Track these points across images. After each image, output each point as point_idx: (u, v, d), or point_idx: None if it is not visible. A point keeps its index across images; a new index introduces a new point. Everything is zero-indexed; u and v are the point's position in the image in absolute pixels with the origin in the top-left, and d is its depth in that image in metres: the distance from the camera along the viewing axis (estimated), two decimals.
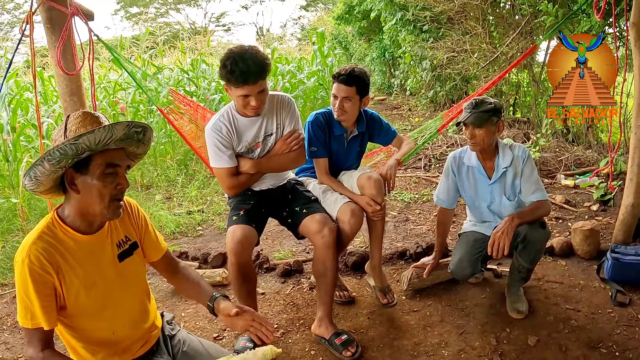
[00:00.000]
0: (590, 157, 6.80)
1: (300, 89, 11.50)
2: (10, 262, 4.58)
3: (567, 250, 4.23)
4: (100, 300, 1.97)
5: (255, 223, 3.12)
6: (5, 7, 32.73)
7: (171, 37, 19.32)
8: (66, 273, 1.86)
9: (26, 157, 6.21)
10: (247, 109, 3.07)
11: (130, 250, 2.13)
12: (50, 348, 1.84)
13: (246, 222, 3.05)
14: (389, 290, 3.69)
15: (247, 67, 2.86)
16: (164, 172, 7.49)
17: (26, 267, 1.77)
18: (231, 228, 3.02)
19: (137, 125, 1.88)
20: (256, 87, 2.94)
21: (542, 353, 3.01)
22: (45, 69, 9.73)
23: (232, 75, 2.89)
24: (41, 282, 1.79)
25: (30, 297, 1.78)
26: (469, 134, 3.26)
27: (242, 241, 2.94)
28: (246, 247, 2.98)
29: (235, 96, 3.02)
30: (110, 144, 1.81)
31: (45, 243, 1.84)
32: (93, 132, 1.74)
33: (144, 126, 1.92)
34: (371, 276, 3.77)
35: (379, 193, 3.37)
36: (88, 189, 1.85)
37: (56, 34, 3.47)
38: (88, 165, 1.83)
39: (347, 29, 17.94)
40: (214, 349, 2.35)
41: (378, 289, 3.67)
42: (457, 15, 8.94)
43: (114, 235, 2.07)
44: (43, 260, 1.80)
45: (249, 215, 3.13)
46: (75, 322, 1.95)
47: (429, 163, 7.51)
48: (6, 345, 3.39)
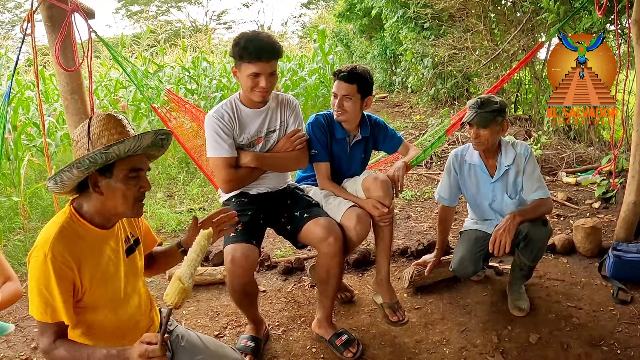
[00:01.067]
0: (592, 154, 6.80)
1: (302, 87, 11.50)
2: (12, 260, 4.58)
3: (568, 248, 4.23)
4: (112, 294, 2.00)
5: (255, 239, 2.93)
6: (6, 6, 32.78)
7: (172, 35, 19.36)
8: (86, 267, 1.88)
9: (27, 156, 6.22)
10: (256, 91, 2.95)
11: (134, 246, 2.17)
12: (63, 338, 1.86)
13: (246, 239, 2.85)
14: (399, 307, 3.44)
15: (261, 44, 2.83)
16: (165, 170, 7.49)
17: (49, 262, 1.77)
18: (229, 247, 2.81)
19: (162, 133, 1.96)
20: (268, 66, 2.87)
21: (543, 351, 3.01)
22: (46, 68, 9.74)
23: (246, 51, 2.82)
24: (64, 277, 1.81)
25: (52, 293, 1.79)
26: (474, 134, 3.24)
27: (243, 263, 2.77)
28: (248, 269, 2.81)
29: (246, 75, 2.90)
30: (139, 152, 1.89)
31: (67, 238, 1.86)
32: (123, 142, 1.80)
33: (167, 133, 2.01)
34: (378, 293, 3.51)
35: (386, 195, 3.16)
36: (112, 191, 1.90)
37: (56, 32, 3.47)
38: (112, 169, 1.87)
39: (348, 26, 17.91)
40: (212, 343, 2.35)
41: (387, 305, 3.42)
42: (459, 12, 8.93)
43: (122, 231, 2.12)
44: (66, 255, 1.81)
45: (248, 230, 2.94)
46: (86, 316, 1.96)
47: (430, 160, 7.50)
48: (8, 343, 3.38)
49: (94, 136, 1.86)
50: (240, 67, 2.92)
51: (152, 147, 1.97)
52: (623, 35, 4.65)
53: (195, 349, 2.27)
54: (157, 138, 1.95)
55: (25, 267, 4.40)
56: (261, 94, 2.97)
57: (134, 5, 38.17)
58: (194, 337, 2.34)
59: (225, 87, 10.05)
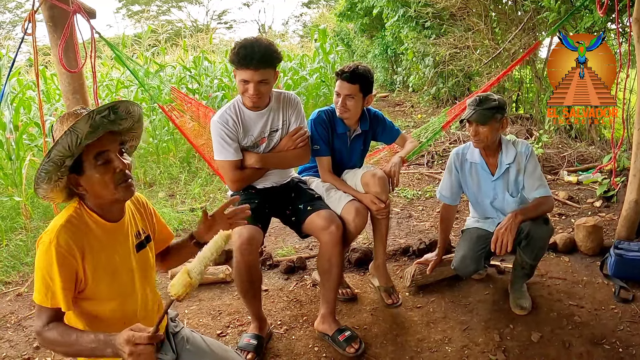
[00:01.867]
0: (593, 153, 6.79)
1: (303, 86, 11.51)
2: (14, 260, 4.60)
3: (570, 247, 4.23)
4: (118, 288, 1.99)
5: (260, 223, 3.09)
6: (7, 6, 32.82)
7: (173, 35, 19.34)
8: (90, 258, 1.88)
9: (29, 156, 6.22)
10: (245, 97, 3.08)
11: (145, 242, 2.17)
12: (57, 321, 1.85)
13: (252, 222, 2.97)
14: (394, 290, 3.64)
15: (252, 52, 2.89)
16: (167, 170, 7.50)
17: (53, 248, 1.78)
18: (238, 228, 2.90)
19: (100, 110, 1.79)
20: (257, 74, 2.94)
21: (545, 349, 3.01)
22: (48, 68, 9.75)
23: (237, 56, 2.92)
24: (66, 265, 1.80)
25: (53, 279, 1.79)
26: (473, 131, 3.25)
27: (250, 241, 2.90)
28: (254, 247, 2.94)
29: (237, 80, 3.03)
30: (83, 142, 1.78)
31: (74, 227, 1.86)
32: (58, 143, 1.74)
33: (110, 106, 1.84)
34: (375, 276, 3.74)
35: (383, 191, 3.33)
36: (91, 184, 1.87)
37: (58, 32, 3.48)
38: (82, 165, 1.85)
39: (349, 25, 17.93)
40: (217, 346, 2.35)
41: (383, 289, 3.64)
42: (460, 11, 8.94)
43: (132, 226, 2.12)
44: (71, 243, 1.81)
45: (255, 215, 3.03)
46: (91, 309, 1.96)
47: (431, 159, 7.51)
48: (10, 343, 3.39)
49: (55, 133, 1.84)
50: (235, 71, 3.04)
51: (100, 129, 1.82)
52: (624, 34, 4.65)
53: (200, 352, 2.27)
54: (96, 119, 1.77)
55: (28, 266, 4.45)
56: (251, 100, 3.09)
57: (135, 5, 38.20)
58: (199, 340, 2.34)
59: (227, 86, 10.04)
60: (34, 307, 1.86)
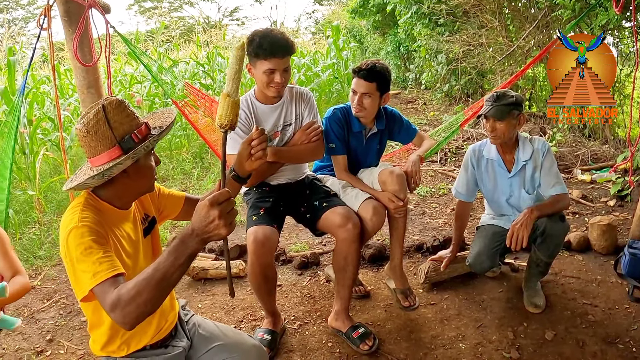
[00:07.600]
0: (607, 152, 6.75)
1: (316, 82, 11.49)
2: (27, 253, 4.63)
3: (584, 245, 4.21)
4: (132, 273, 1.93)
5: (276, 223, 3.04)
6: (19, 3, 32.98)
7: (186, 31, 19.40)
8: (112, 236, 1.90)
9: (42, 150, 6.27)
10: (271, 87, 3.02)
11: (150, 226, 2.19)
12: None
13: (267, 222, 2.96)
14: (411, 292, 3.57)
15: (276, 40, 2.90)
16: (180, 165, 7.52)
17: (83, 228, 1.75)
18: (252, 229, 2.91)
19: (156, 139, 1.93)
20: (282, 62, 2.95)
21: (559, 348, 3.01)
22: (61, 63, 9.80)
23: (261, 48, 2.90)
24: (100, 235, 1.78)
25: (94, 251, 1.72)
26: (490, 127, 3.24)
27: (264, 243, 2.85)
28: (268, 249, 2.88)
29: (261, 72, 2.98)
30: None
31: (93, 207, 1.88)
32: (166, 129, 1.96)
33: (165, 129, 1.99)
34: (391, 278, 3.66)
35: (401, 189, 3.26)
36: (140, 173, 1.94)
37: (73, 27, 3.49)
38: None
39: (362, 22, 17.88)
40: (229, 330, 2.36)
41: (399, 291, 3.56)
42: (473, 8, 8.88)
43: (138, 212, 2.14)
44: (97, 219, 1.83)
45: (270, 215, 3.05)
46: None
47: (445, 157, 7.49)
48: (23, 335, 3.42)
49: (115, 124, 1.84)
50: (255, 64, 3.00)
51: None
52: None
53: (213, 336, 2.28)
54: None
55: (41, 259, 4.48)
56: (276, 89, 3.05)
57: (147, 1, 38.34)
58: (210, 324, 2.36)
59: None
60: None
